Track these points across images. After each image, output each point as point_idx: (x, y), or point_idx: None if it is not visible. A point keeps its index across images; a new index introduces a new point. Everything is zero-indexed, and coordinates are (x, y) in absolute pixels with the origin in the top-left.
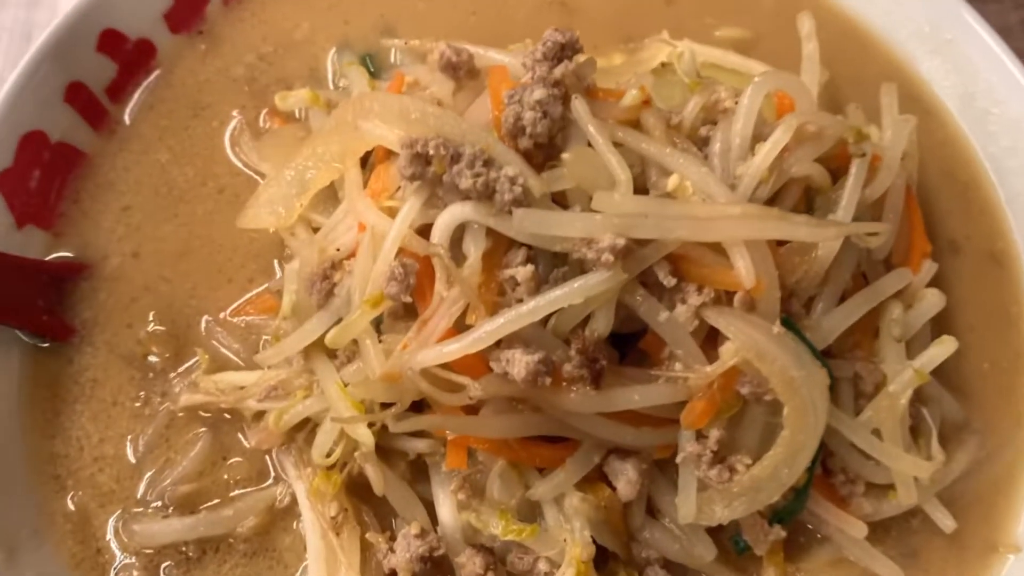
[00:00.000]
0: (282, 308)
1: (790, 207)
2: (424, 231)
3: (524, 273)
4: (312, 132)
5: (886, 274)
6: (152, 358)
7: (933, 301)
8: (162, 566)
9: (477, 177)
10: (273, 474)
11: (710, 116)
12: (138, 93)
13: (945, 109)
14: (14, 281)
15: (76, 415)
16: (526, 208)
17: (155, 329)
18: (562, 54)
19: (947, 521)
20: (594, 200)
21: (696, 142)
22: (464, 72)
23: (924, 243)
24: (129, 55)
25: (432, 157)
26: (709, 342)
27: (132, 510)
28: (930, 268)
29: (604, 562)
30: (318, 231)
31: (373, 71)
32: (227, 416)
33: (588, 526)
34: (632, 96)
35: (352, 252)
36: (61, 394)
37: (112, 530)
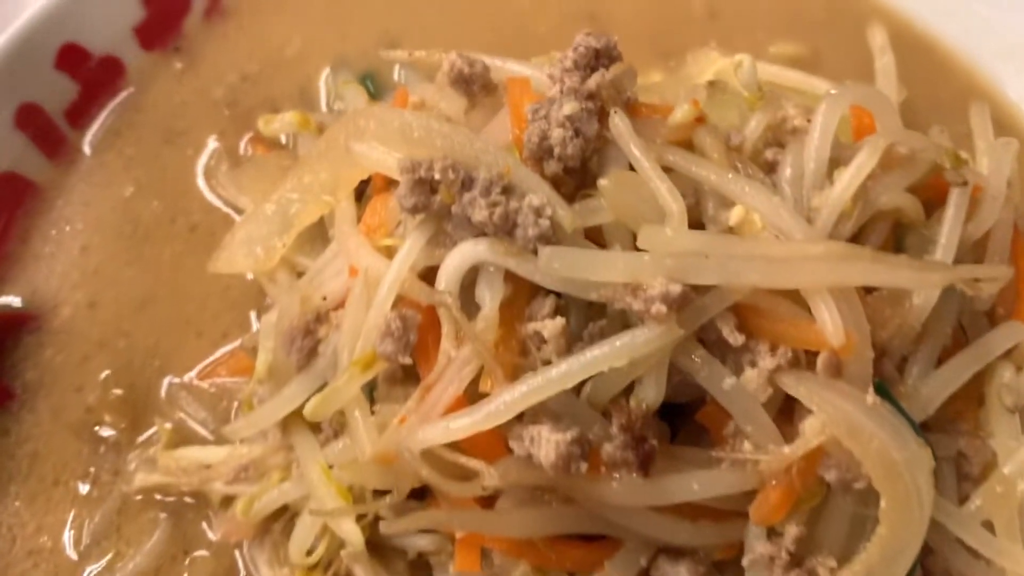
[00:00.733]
0: (256, 369)
1: (877, 246)
2: (429, 275)
3: (553, 328)
4: (299, 159)
5: (992, 328)
6: (104, 429)
7: None
8: None
9: (494, 207)
10: (244, 574)
11: (776, 137)
12: (102, 117)
13: None
14: None
15: (9, 497)
16: (555, 247)
17: (109, 393)
18: (597, 62)
19: None
20: (641, 236)
21: (761, 167)
22: (478, 86)
23: None
24: (93, 74)
25: (439, 183)
26: (784, 415)
27: None
28: None
29: None
30: (303, 275)
31: (373, 92)
32: (190, 501)
33: None
34: (683, 112)
35: (341, 301)
36: None
37: None
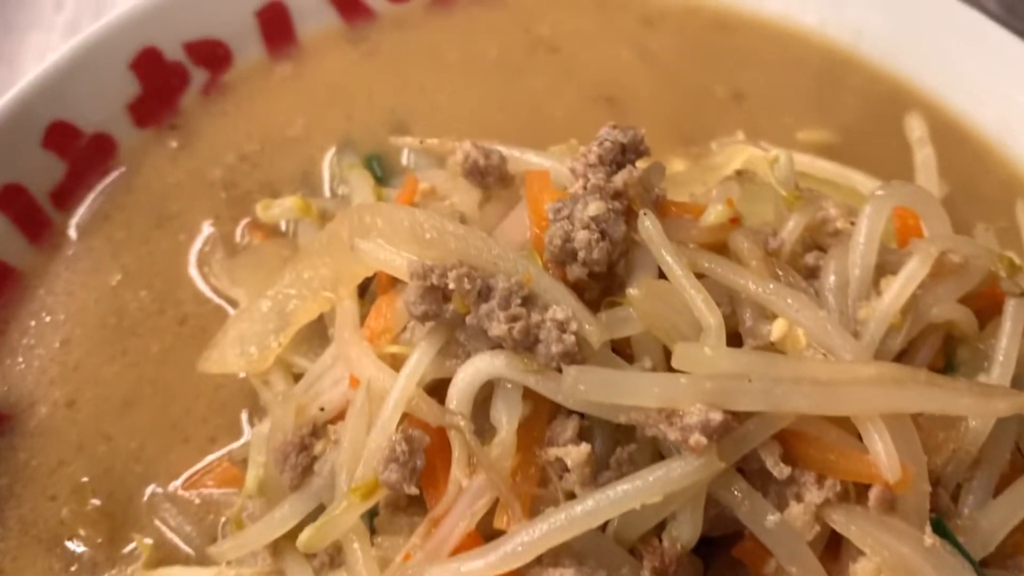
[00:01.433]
0: (246, 484)
1: (927, 362)
2: (438, 388)
3: (577, 456)
4: (299, 250)
5: None
6: (77, 544)
7: None
8: None
9: (514, 321)
10: None
11: (815, 239)
12: (90, 198)
13: None
14: None
15: None
16: (580, 367)
17: (86, 503)
18: (623, 158)
19: None
20: (677, 354)
21: (799, 272)
22: (494, 178)
23: None
24: (82, 152)
25: (452, 292)
26: (830, 552)
27: None
28: None
29: None
30: (300, 379)
31: (380, 176)
32: None
33: None
34: (718, 212)
35: (340, 413)
36: None
37: None
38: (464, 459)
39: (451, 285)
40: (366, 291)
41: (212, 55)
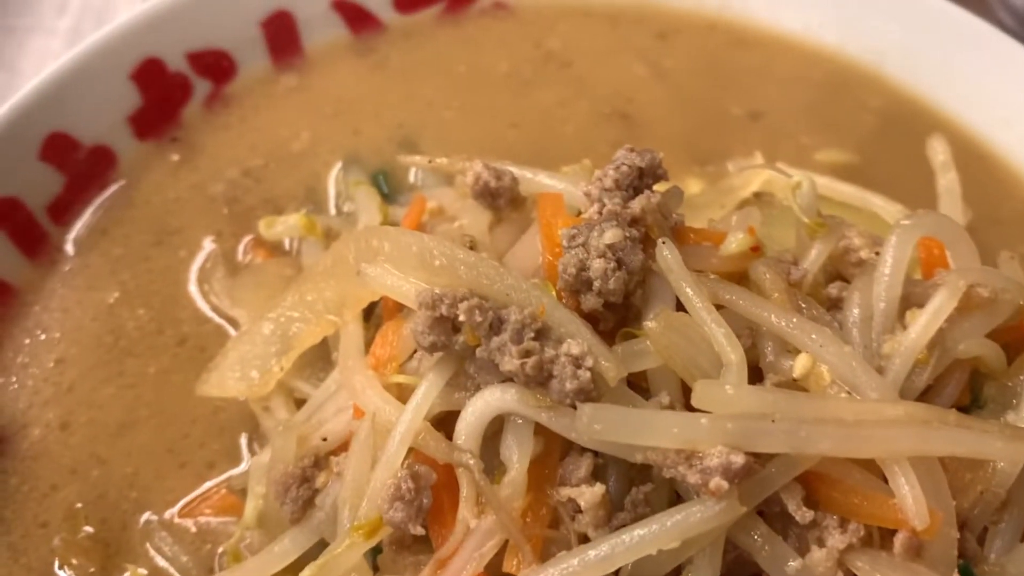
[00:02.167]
0: (245, 516)
1: (953, 399)
2: (446, 420)
3: (591, 497)
4: (303, 270)
5: None
6: (69, 573)
7: None
8: None
9: (527, 356)
10: None
11: (838, 269)
12: (88, 213)
13: None
14: None
15: None
16: (596, 405)
17: (79, 530)
18: (641, 183)
19: None
20: (697, 393)
21: (822, 303)
22: (505, 200)
23: None
24: (81, 166)
25: (463, 323)
26: None
27: None
28: None
29: None
30: (302, 406)
31: (387, 192)
32: None
33: None
34: (739, 240)
35: (343, 444)
36: None
37: None
38: (472, 498)
39: (461, 317)
40: (371, 314)
41: (216, 66)
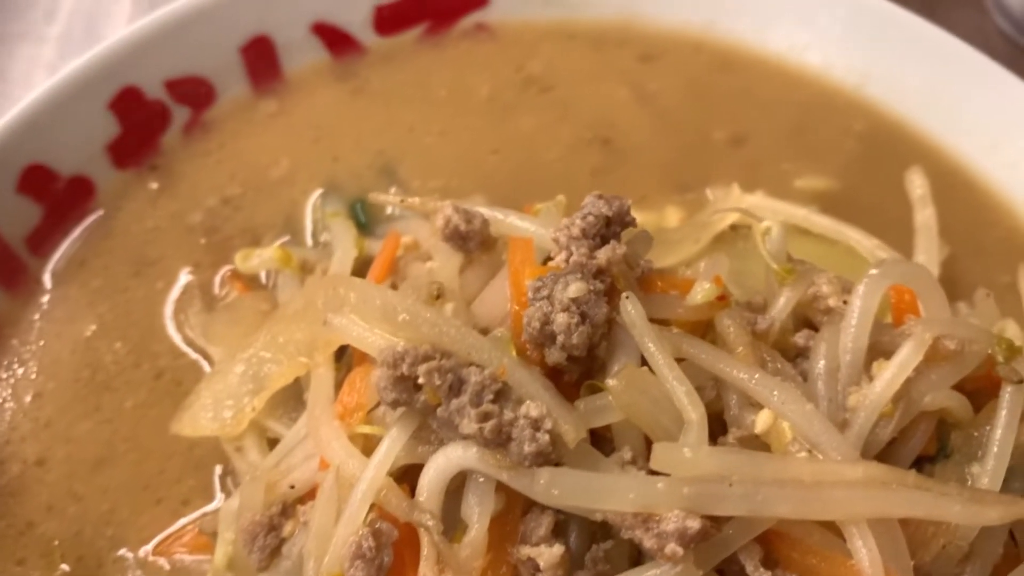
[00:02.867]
0: (215, 560)
1: (919, 450)
2: (411, 472)
3: (550, 557)
4: (277, 308)
5: None
6: None
7: None
8: None
9: (485, 420)
10: None
11: (807, 315)
12: (67, 244)
13: None
14: None
15: None
16: (554, 470)
17: (55, 569)
18: (608, 231)
19: None
20: (655, 456)
21: (789, 350)
22: (475, 243)
23: None
24: (59, 196)
25: (424, 384)
26: None
27: None
28: None
29: None
30: (274, 444)
31: (364, 222)
32: None
33: None
34: (705, 291)
35: (310, 492)
36: None
37: None
38: (433, 557)
39: (421, 380)
40: (343, 354)
41: (194, 93)
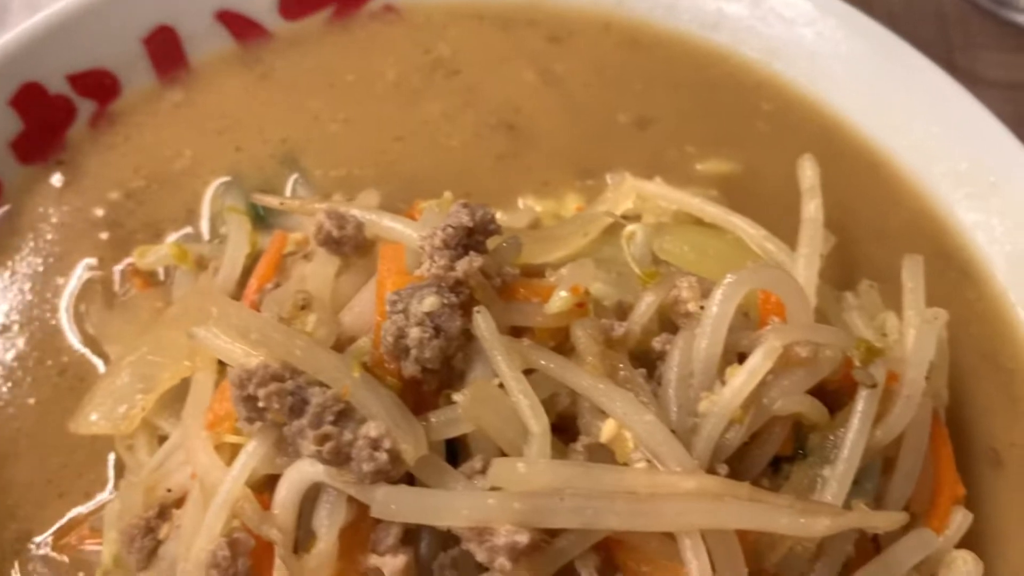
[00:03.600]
0: (103, 558)
1: (772, 454)
2: (272, 482)
3: (394, 567)
4: (165, 310)
5: (903, 533)
6: None
7: (967, 571)
8: None
9: (323, 442)
10: None
11: (671, 318)
12: None
13: (987, 272)
14: None
15: None
16: (390, 488)
17: None
18: (469, 241)
19: None
20: (491, 471)
21: (648, 359)
22: (350, 247)
23: (955, 485)
24: None
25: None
26: None
27: None
28: (963, 521)
29: None
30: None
31: (263, 215)
32: None
33: None
34: (562, 300)
35: (186, 497)
36: None
37: None
38: (283, 568)
39: (261, 403)
40: None
41: (99, 85)
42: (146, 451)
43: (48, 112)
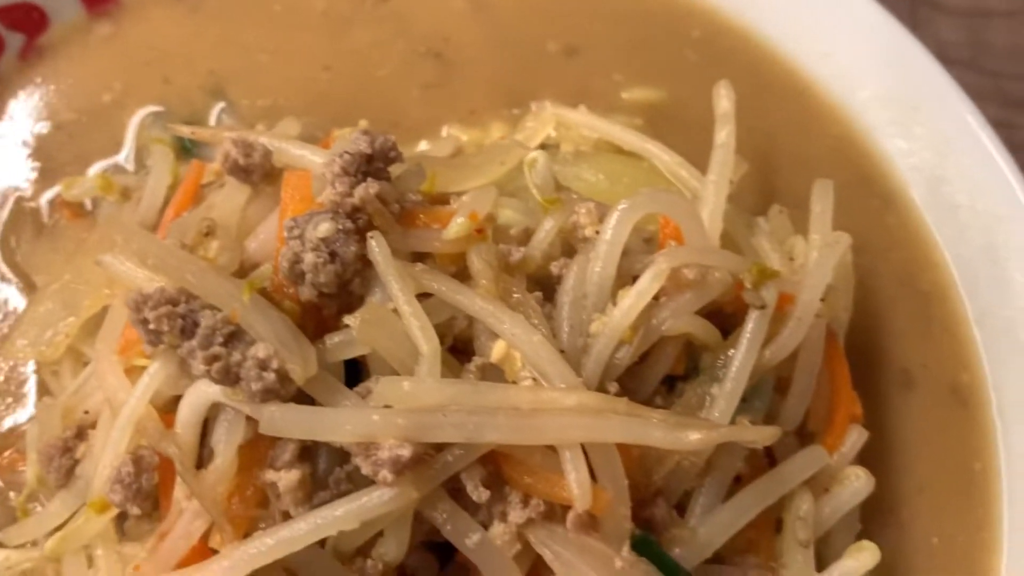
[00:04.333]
0: (27, 477)
1: (664, 372)
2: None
3: (288, 481)
4: (84, 243)
5: (799, 450)
6: None
7: (858, 487)
8: None
9: (212, 362)
10: None
11: (569, 244)
12: None
13: (907, 197)
14: None
15: None
16: (277, 406)
17: None
18: (369, 168)
19: None
20: (377, 389)
21: (550, 285)
22: (258, 175)
23: (851, 404)
24: None
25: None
26: (544, 569)
27: None
28: (858, 438)
29: None
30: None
31: (190, 146)
32: None
33: None
34: (459, 226)
35: None
36: None
37: None
38: (182, 481)
39: (152, 325)
40: None
41: (27, 19)
42: (71, 377)
43: None
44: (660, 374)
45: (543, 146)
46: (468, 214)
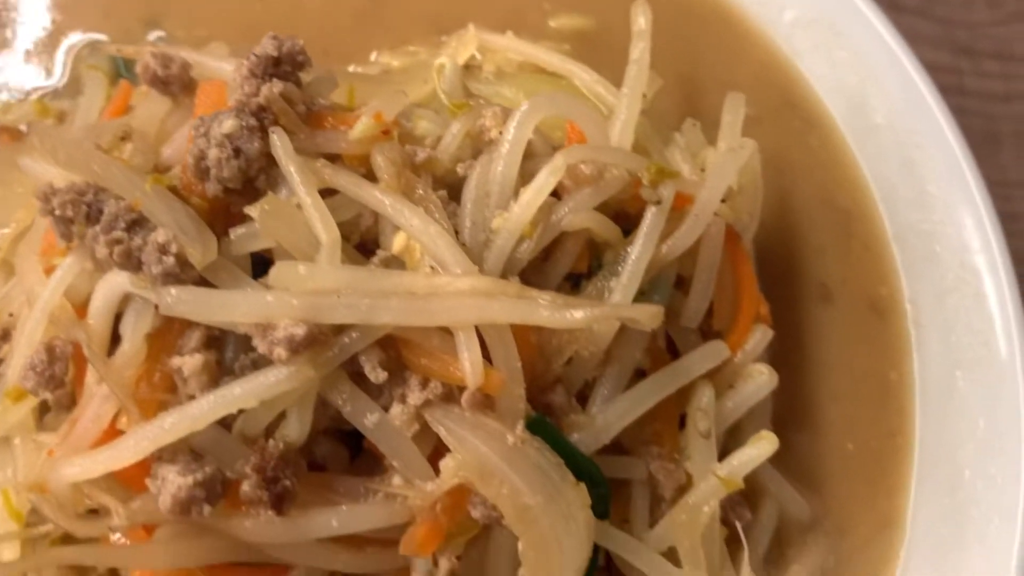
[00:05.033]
0: None
1: (566, 268)
2: None
3: (192, 365)
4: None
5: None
6: None
7: (761, 382)
8: None
9: (113, 245)
10: None
11: (476, 148)
12: None
13: (830, 120)
14: None
15: None
16: (177, 288)
17: None
18: (276, 70)
19: None
20: (273, 272)
21: (457, 187)
22: (177, 87)
23: (756, 303)
24: None
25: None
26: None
27: None
28: (762, 337)
29: None
30: None
31: (126, 73)
32: None
33: None
34: (363, 126)
35: None
36: None
37: None
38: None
39: (56, 211)
40: None
41: None
42: (2, 286)
43: None
44: (563, 271)
45: (467, 67)
46: (373, 115)
